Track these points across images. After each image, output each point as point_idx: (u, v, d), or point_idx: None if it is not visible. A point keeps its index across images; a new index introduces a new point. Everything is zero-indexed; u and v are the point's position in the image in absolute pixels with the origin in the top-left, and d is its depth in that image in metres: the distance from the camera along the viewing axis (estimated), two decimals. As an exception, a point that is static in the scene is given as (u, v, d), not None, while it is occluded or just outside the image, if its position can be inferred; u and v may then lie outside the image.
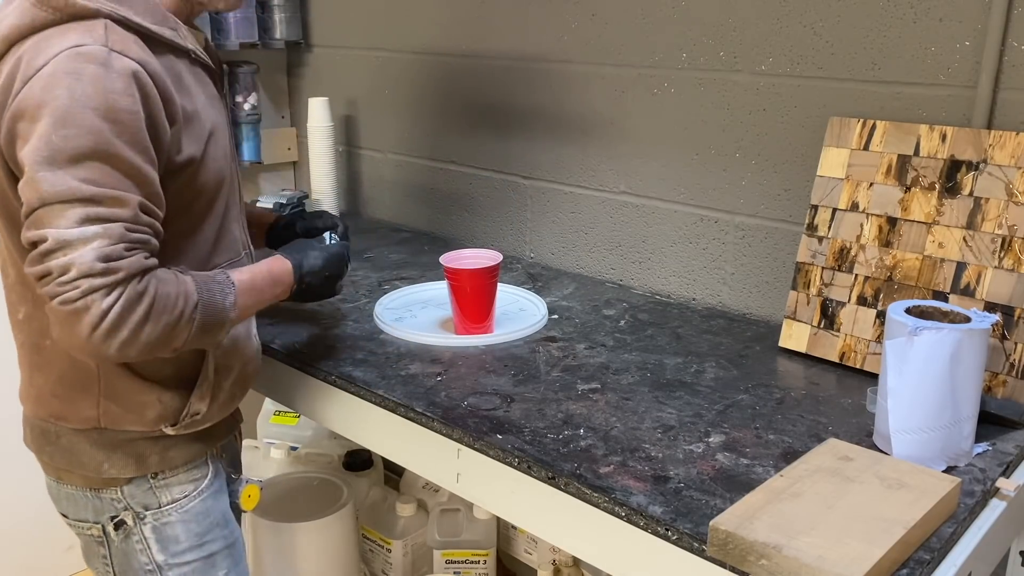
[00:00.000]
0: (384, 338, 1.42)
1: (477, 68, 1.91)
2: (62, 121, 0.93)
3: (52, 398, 1.14)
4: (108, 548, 1.19)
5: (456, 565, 2.02)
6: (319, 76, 2.32)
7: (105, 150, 0.94)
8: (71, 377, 1.12)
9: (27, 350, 1.15)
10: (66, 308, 0.92)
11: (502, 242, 1.95)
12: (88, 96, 0.94)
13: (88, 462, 1.15)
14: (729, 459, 1.05)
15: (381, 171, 2.22)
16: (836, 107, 1.40)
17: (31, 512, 2.19)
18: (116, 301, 0.93)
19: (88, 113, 0.93)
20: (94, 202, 0.93)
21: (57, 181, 0.92)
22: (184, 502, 1.19)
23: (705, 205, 1.59)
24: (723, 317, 1.54)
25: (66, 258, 0.91)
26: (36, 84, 0.94)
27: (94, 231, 0.93)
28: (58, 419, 1.14)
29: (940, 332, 0.99)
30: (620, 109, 1.67)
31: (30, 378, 1.16)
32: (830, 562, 0.80)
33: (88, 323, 0.92)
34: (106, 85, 0.95)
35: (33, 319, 1.12)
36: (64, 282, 0.92)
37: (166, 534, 1.18)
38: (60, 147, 0.93)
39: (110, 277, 0.93)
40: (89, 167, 0.93)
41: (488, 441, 1.10)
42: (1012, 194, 1.17)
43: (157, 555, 1.19)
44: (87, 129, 0.93)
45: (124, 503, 1.17)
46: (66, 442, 1.15)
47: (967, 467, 1.04)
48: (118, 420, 1.13)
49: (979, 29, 1.24)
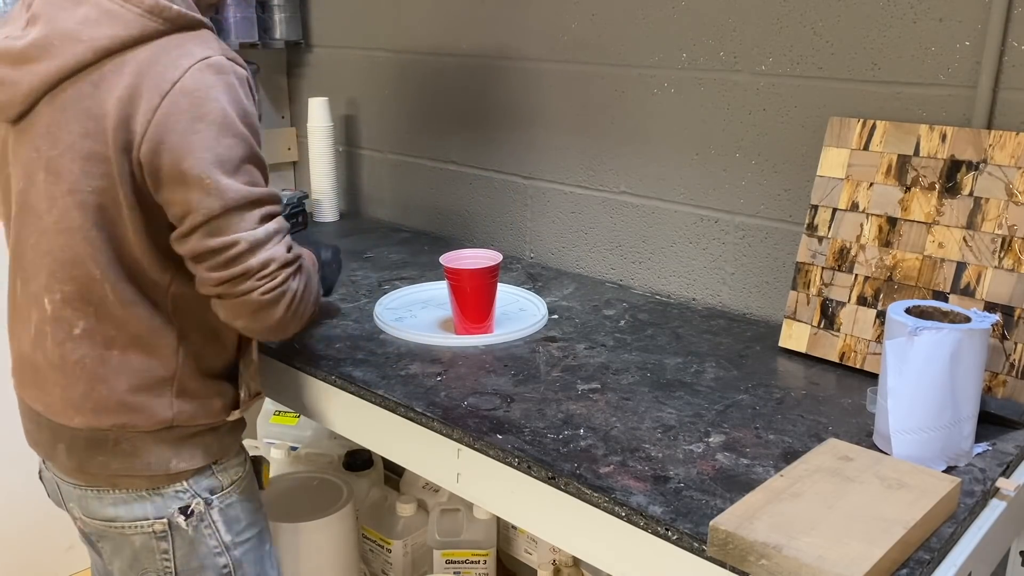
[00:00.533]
0: (384, 338, 1.42)
1: (477, 68, 1.91)
2: (222, 131, 1.02)
3: (120, 407, 1.13)
4: (171, 541, 1.20)
5: (456, 565, 2.02)
6: (319, 76, 2.32)
7: (254, 154, 1.07)
8: (144, 384, 1.13)
9: (88, 364, 1.12)
10: (268, 296, 1.06)
11: (502, 242, 1.95)
12: (233, 105, 1.04)
13: (154, 461, 1.16)
14: (729, 459, 1.05)
15: (381, 171, 2.22)
16: (836, 107, 1.40)
17: (31, 512, 2.19)
18: (300, 283, 1.11)
19: (237, 122, 1.04)
20: (262, 203, 1.07)
21: (234, 187, 1.03)
22: (239, 483, 1.25)
23: (705, 205, 1.59)
24: (723, 317, 1.54)
25: (265, 255, 1.06)
26: (180, 98, 1.01)
27: (274, 228, 1.08)
28: (124, 428, 1.14)
29: (940, 332, 0.99)
30: (620, 109, 1.67)
31: (88, 392, 1.13)
32: (830, 562, 0.80)
33: (285, 305, 1.09)
34: (240, 93, 1.06)
35: (96, 332, 1.11)
36: (265, 275, 1.06)
37: (230, 515, 1.24)
38: (227, 156, 1.03)
39: (295, 264, 1.10)
40: (248, 171, 1.06)
41: (488, 441, 1.10)
42: (1012, 194, 1.17)
43: (225, 536, 1.23)
44: (241, 137, 1.05)
45: (191, 492, 1.19)
46: (127, 446, 1.15)
47: (967, 467, 1.04)
48: (190, 417, 1.17)
49: (979, 29, 1.24)
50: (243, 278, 1.05)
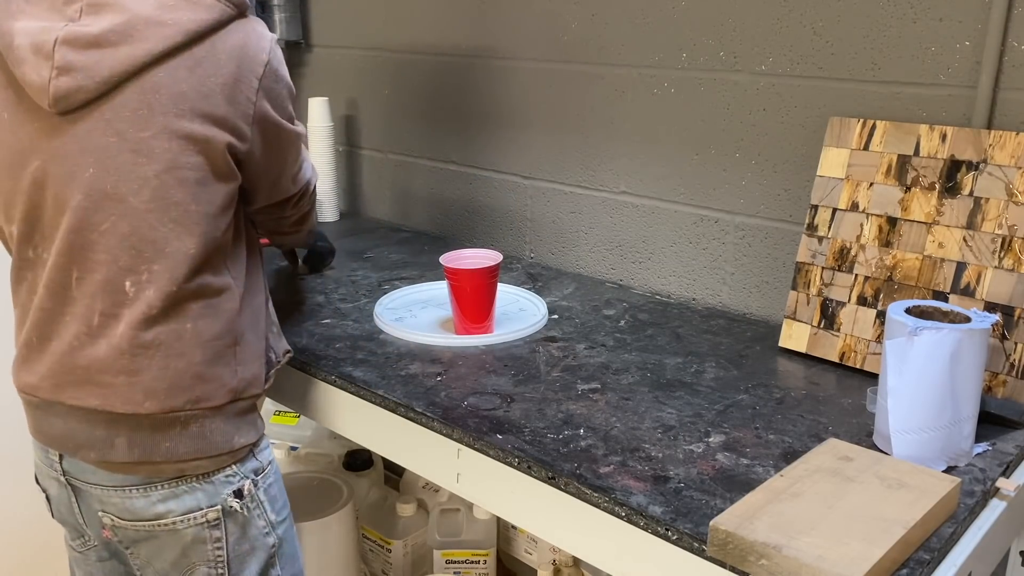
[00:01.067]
0: (384, 338, 1.42)
1: (477, 68, 1.91)
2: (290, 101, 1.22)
3: (196, 381, 1.14)
4: (224, 529, 1.20)
5: (456, 565, 2.02)
6: (319, 76, 2.32)
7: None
8: (215, 353, 1.15)
9: (165, 341, 1.12)
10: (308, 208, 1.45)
11: (502, 242, 1.96)
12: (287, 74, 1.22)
13: (219, 440, 1.17)
14: (729, 459, 1.05)
15: (381, 171, 2.22)
16: (836, 107, 1.40)
17: (31, 512, 2.19)
18: None
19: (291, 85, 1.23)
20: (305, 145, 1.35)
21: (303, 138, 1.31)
22: (274, 462, 1.28)
23: (705, 205, 1.59)
24: (723, 317, 1.54)
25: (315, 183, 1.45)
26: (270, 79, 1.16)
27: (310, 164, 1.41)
28: (198, 402, 1.14)
29: (940, 332, 0.99)
30: (620, 109, 1.67)
31: (163, 370, 1.12)
32: (830, 562, 0.80)
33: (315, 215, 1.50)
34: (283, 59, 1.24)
35: (173, 309, 1.12)
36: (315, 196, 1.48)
37: (272, 493, 1.26)
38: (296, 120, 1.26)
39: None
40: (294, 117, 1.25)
41: (488, 441, 1.10)
42: (1012, 194, 1.17)
43: (271, 515, 1.25)
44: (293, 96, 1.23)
45: (239, 475, 1.20)
46: (196, 427, 1.15)
47: (967, 467, 1.04)
48: (249, 386, 1.20)
49: (979, 29, 1.24)
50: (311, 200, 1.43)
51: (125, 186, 1.08)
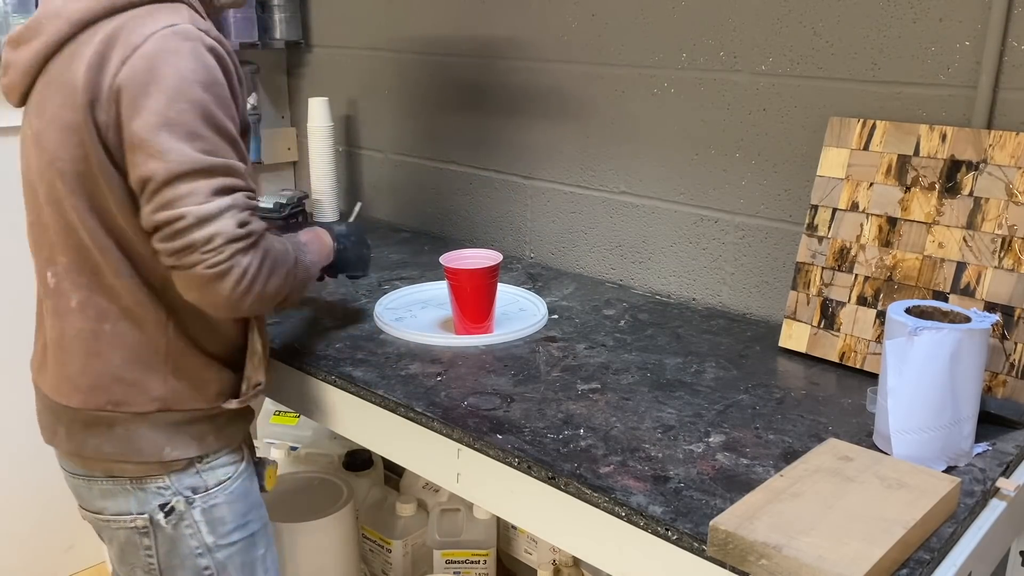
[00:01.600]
0: (384, 338, 1.42)
1: (477, 68, 1.91)
2: (174, 96, 1.01)
3: (114, 382, 1.14)
4: (154, 538, 1.20)
5: (456, 565, 2.02)
6: (319, 76, 2.32)
7: (212, 120, 1.03)
8: (136, 358, 1.14)
9: (84, 337, 1.14)
10: (213, 271, 1.02)
11: (502, 242, 1.95)
12: (192, 71, 1.02)
13: (147, 447, 1.15)
14: (729, 459, 1.05)
15: (381, 171, 2.22)
16: (836, 107, 1.40)
17: (31, 512, 2.19)
18: (252, 260, 1.04)
19: (195, 87, 1.02)
20: (213, 172, 1.02)
21: (179, 153, 1.00)
22: (227, 483, 1.23)
23: (705, 205, 1.59)
24: (723, 317, 1.54)
25: (210, 229, 1.01)
26: (138, 62, 1.01)
27: (227, 203, 1.02)
28: (118, 405, 1.14)
29: (940, 332, 0.99)
30: (620, 109, 1.67)
31: (84, 367, 1.14)
32: (830, 562, 0.80)
33: (232, 281, 1.03)
34: (205, 61, 1.04)
35: (88, 305, 1.13)
36: (209, 249, 1.01)
37: (215, 516, 1.21)
38: (176, 120, 1.00)
39: (248, 240, 1.04)
40: (203, 138, 1.02)
41: (488, 441, 1.10)
42: (1012, 194, 1.17)
43: (207, 537, 1.21)
44: (197, 101, 1.02)
45: (173, 489, 1.18)
46: (122, 430, 1.15)
47: (967, 467, 1.04)
48: (183, 399, 1.16)
49: (979, 29, 1.24)
50: (188, 251, 1.01)
51: (36, 178, 1.12)
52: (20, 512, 2.17)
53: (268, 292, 1.08)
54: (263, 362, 1.23)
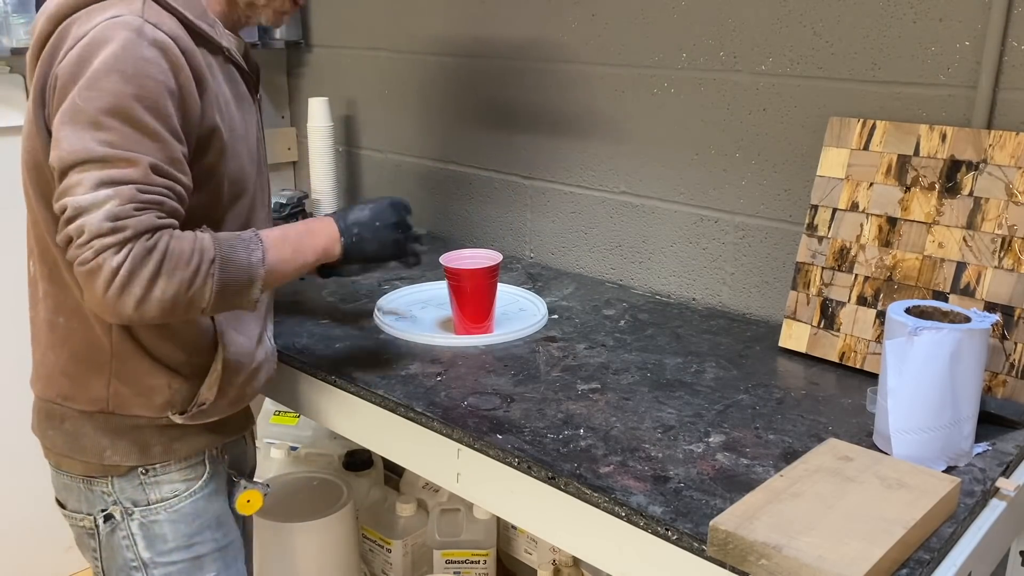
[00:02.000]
0: (384, 338, 1.42)
1: (477, 68, 1.91)
2: (89, 85, 0.97)
3: (62, 376, 1.14)
4: (98, 541, 1.20)
5: (456, 565, 2.02)
6: (319, 76, 2.32)
7: (123, 111, 0.97)
8: (83, 355, 1.13)
9: (43, 328, 1.16)
10: (83, 269, 0.95)
11: (502, 242, 1.95)
12: (116, 59, 0.98)
13: (90, 447, 1.15)
14: (729, 459, 1.05)
15: (381, 171, 2.22)
16: (836, 107, 1.40)
17: (31, 512, 2.19)
18: (125, 258, 0.95)
19: (113, 76, 0.97)
20: (106, 163, 0.96)
21: (75, 141, 0.96)
22: (174, 501, 1.19)
23: (705, 205, 1.59)
24: (723, 317, 1.54)
25: (80, 221, 0.94)
26: (74, 53, 1.00)
27: (105, 194, 0.95)
28: (66, 399, 1.15)
29: (940, 332, 0.99)
30: (620, 109, 1.67)
31: (43, 357, 1.17)
32: (830, 562, 0.80)
33: (102, 281, 0.95)
34: (135, 51, 0.99)
35: (49, 296, 1.14)
36: (79, 244, 0.95)
37: (153, 532, 1.18)
38: (82, 108, 0.96)
39: (118, 235, 0.95)
40: (107, 128, 0.96)
41: (488, 441, 1.10)
42: (1012, 194, 1.17)
43: (143, 552, 1.19)
44: (109, 91, 0.97)
45: (114, 497, 1.17)
46: (70, 426, 1.15)
47: (967, 467, 1.04)
48: (126, 403, 1.14)
49: (979, 29, 1.24)
50: (69, 246, 0.96)
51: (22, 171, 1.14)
52: (20, 512, 2.17)
53: (158, 296, 0.97)
54: (220, 382, 1.16)
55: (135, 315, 0.97)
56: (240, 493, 1.29)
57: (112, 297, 0.95)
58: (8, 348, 2.03)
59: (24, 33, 1.84)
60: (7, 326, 2.02)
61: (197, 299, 1.00)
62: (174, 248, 0.98)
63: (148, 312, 0.97)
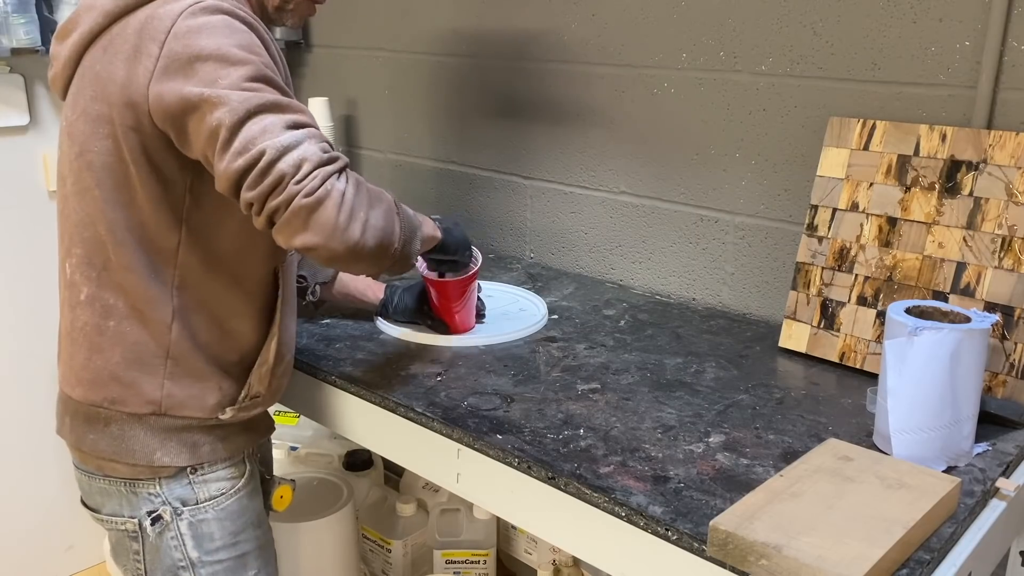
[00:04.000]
0: (384, 338, 1.42)
1: (477, 68, 1.91)
2: (219, 63, 0.98)
3: (111, 380, 1.13)
4: (142, 544, 1.19)
5: (456, 565, 2.02)
6: (319, 76, 2.32)
7: (264, 75, 1.00)
8: (137, 358, 1.13)
9: (88, 331, 1.14)
10: (311, 199, 0.96)
11: (502, 242, 1.95)
12: (228, 37, 1.00)
13: (139, 450, 1.15)
14: (729, 459, 1.05)
15: (381, 171, 2.22)
16: (836, 107, 1.40)
17: (31, 512, 2.19)
18: (347, 183, 0.99)
19: (236, 50, 1.00)
20: (282, 108, 0.99)
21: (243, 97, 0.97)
22: (221, 499, 1.20)
23: (705, 205, 1.59)
24: (723, 317, 1.54)
25: (296, 155, 0.96)
26: (175, 44, 1.00)
27: (303, 133, 0.98)
28: (114, 403, 1.14)
29: (940, 332, 0.99)
30: (620, 109, 1.67)
31: (87, 360, 1.14)
32: (830, 562, 0.80)
33: (334, 205, 0.97)
34: (236, 28, 1.02)
35: (96, 299, 1.13)
36: (300, 178, 0.96)
37: (202, 531, 1.19)
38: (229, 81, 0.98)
39: (337, 164, 0.99)
40: (259, 89, 0.99)
41: (488, 441, 1.10)
42: (1012, 194, 1.17)
43: (191, 552, 1.19)
44: (243, 61, 0.99)
45: (162, 498, 1.17)
46: (116, 429, 1.15)
47: (967, 467, 1.04)
48: (179, 405, 1.15)
49: (979, 29, 1.24)
50: (280, 187, 0.96)
51: (65, 168, 1.14)
52: (20, 512, 2.17)
53: (376, 224, 1.02)
54: (271, 374, 1.19)
55: (361, 240, 1.00)
56: (274, 489, 1.32)
57: (344, 221, 0.98)
58: (15, 349, 2.03)
59: (24, 33, 1.84)
60: (6, 328, 2.03)
61: (395, 234, 1.06)
62: (369, 184, 1.05)
63: (369, 239, 1.01)
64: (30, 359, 2.05)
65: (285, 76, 1.11)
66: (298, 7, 1.20)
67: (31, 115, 2.00)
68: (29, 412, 2.09)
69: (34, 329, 2.03)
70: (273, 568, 1.30)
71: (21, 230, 1.99)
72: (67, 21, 1.13)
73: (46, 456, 2.13)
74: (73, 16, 1.12)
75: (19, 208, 1.98)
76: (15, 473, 2.14)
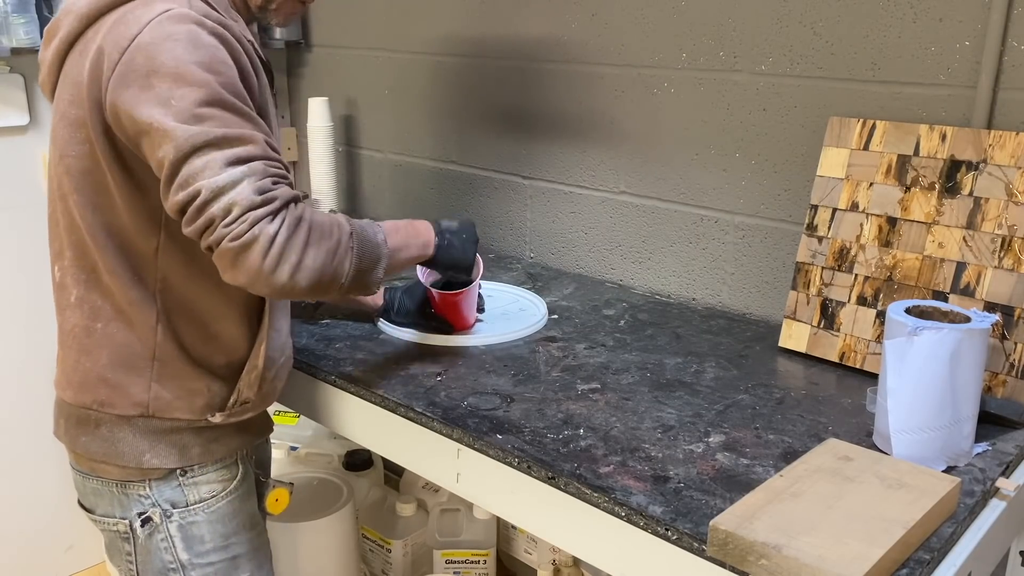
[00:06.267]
0: (384, 338, 1.42)
1: (477, 68, 1.91)
2: (175, 81, 0.97)
3: (99, 383, 1.14)
4: (133, 545, 1.19)
5: (456, 565, 2.02)
6: (319, 76, 2.32)
7: (218, 98, 0.99)
8: (124, 360, 1.13)
9: (77, 334, 1.14)
10: (237, 243, 0.96)
11: (502, 242, 1.96)
12: (190, 53, 0.98)
13: (128, 452, 1.15)
14: (729, 459, 1.05)
15: (381, 171, 2.22)
16: (836, 107, 1.40)
17: (31, 512, 2.19)
18: (280, 225, 0.97)
19: (195, 69, 0.98)
20: (228, 142, 0.97)
21: (189, 130, 0.96)
22: (212, 502, 1.20)
23: (705, 205, 1.59)
24: (723, 317, 1.54)
25: (226, 199, 0.96)
26: (136, 53, 0.99)
27: (240, 171, 0.97)
28: (102, 405, 1.14)
29: (940, 332, 0.99)
30: (620, 109, 1.67)
31: (76, 363, 1.15)
32: (830, 562, 0.80)
33: (260, 251, 0.96)
34: (201, 42, 1.00)
35: (85, 301, 1.13)
36: (229, 222, 0.96)
37: (192, 533, 1.19)
38: (181, 107, 0.97)
39: (270, 206, 0.97)
40: (211, 116, 0.98)
41: (488, 441, 1.10)
42: (1012, 194, 1.17)
43: (181, 554, 1.19)
44: (199, 83, 0.98)
45: (152, 500, 1.17)
46: (106, 431, 1.15)
47: (967, 467, 1.04)
48: (167, 407, 1.14)
49: (979, 29, 1.24)
50: (210, 229, 0.97)
51: (51, 173, 1.14)
52: (20, 512, 2.17)
53: (311, 264, 1.00)
54: (261, 379, 1.18)
55: (289, 283, 0.99)
56: (269, 492, 1.31)
57: (270, 265, 0.97)
58: (16, 349, 2.03)
59: (24, 33, 1.84)
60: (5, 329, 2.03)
61: (339, 271, 1.04)
62: (317, 219, 1.02)
63: (300, 281, 1.00)
64: (30, 359, 2.05)
65: (259, 88, 1.09)
66: (282, 6, 1.19)
67: (31, 115, 2.01)
68: (29, 412, 2.09)
69: (34, 329, 2.03)
70: (267, 571, 1.29)
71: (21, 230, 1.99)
72: (50, 25, 1.12)
73: (46, 456, 2.13)
74: (55, 20, 1.11)
75: (19, 208, 1.99)
76: (15, 473, 2.14)
